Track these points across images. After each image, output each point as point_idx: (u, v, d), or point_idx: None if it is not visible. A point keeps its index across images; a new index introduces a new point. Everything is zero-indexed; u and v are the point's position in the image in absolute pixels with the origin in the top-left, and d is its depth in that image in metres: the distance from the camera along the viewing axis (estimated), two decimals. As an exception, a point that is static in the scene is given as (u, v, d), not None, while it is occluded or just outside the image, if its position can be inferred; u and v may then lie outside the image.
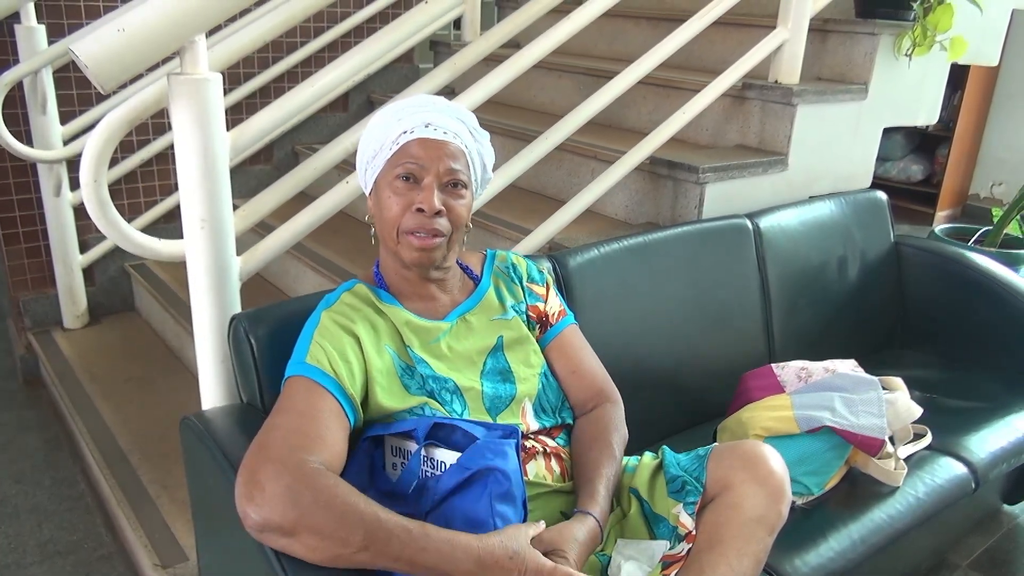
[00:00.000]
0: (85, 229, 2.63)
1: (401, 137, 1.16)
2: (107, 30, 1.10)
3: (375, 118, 1.23)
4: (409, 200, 1.15)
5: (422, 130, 1.16)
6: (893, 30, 2.26)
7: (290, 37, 2.90)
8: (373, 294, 1.23)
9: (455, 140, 1.18)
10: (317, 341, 1.12)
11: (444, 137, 1.16)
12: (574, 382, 1.32)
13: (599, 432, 1.26)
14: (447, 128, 1.17)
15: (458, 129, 1.19)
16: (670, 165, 2.07)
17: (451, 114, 1.20)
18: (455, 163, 1.16)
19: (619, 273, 1.69)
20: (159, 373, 2.45)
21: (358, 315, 1.18)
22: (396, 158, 1.16)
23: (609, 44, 3.01)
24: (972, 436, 1.71)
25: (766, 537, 1.11)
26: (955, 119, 4.59)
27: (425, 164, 1.15)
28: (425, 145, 1.15)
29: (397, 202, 1.16)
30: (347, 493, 0.95)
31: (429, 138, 1.16)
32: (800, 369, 1.61)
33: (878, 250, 2.22)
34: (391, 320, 1.20)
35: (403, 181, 1.16)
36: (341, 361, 1.10)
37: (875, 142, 2.47)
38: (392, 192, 1.16)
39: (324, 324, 1.15)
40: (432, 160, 1.15)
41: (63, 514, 2.00)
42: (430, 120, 1.17)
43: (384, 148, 1.18)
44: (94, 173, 1.23)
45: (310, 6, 1.49)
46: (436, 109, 1.19)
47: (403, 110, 1.19)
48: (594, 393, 1.32)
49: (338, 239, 2.45)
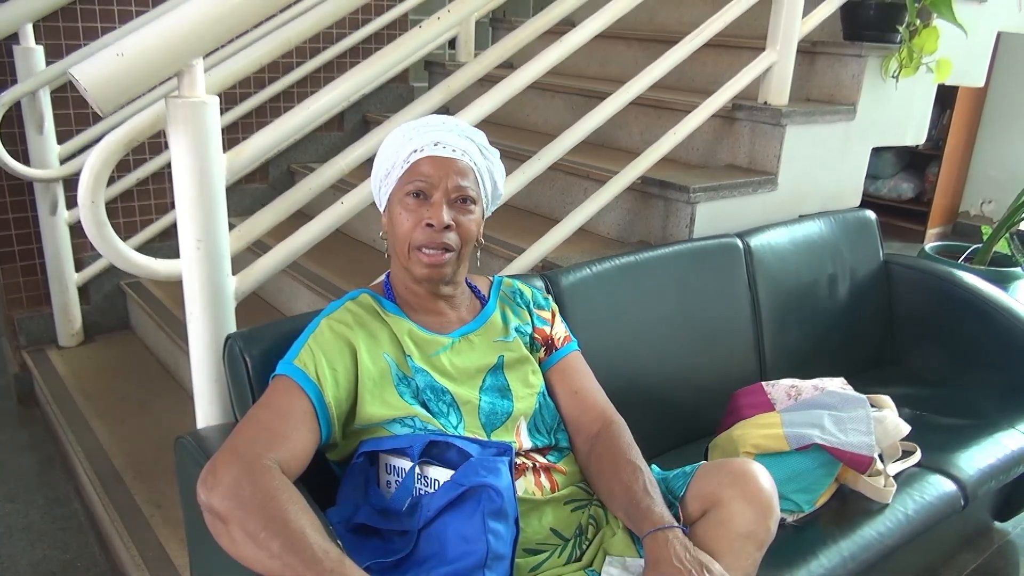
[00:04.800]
0: (80, 248, 2.64)
1: (412, 156, 1.20)
2: (106, 54, 1.12)
3: (388, 138, 1.26)
4: (419, 216, 1.18)
5: (431, 148, 1.20)
6: (880, 52, 2.30)
7: (286, 58, 2.92)
8: (378, 303, 1.25)
9: (463, 157, 1.21)
10: (309, 345, 1.16)
11: (452, 155, 1.20)
12: (576, 404, 1.33)
13: (618, 455, 1.24)
14: (456, 146, 1.21)
15: (466, 147, 1.23)
16: (661, 185, 2.09)
17: (460, 133, 1.24)
18: (463, 180, 1.20)
19: (611, 291, 1.71)
20: (154, 392, 2.46)
21: (358, 323, 1.20)
22: (407, 176, 1.20)
23: (602, 65, 3.05)
24: (961, 453, 1.72)
25: (755, 552, 1.12)
26: (945, 138, 4.63)
27: (434, 181, 1.18)
28: (434, 163, 1.19)
29: (408, 218, 1.19)
30: (286, 500, 0.97)
31: (438, 156, 1.20)
32: (790, 387, 1.63)
33: (868, 268, 2.24)
34: (393, 329, 1.22)
35: (413, 198, 1.19)
36: (328, 368, 1.13)
37: (863, 162, 2.50)
38: (403, 208, 1.20)
39: (321, 330, 1.18)
40: (440, 177, 1.18)
41: (56, 533, 1.99)
42: (439, 139, 1.21)
43: (396, 167, 1.22)
44: (92, 194, 1.24)
45: (306, 30, 1.52)
46: (445, 128, 1.24)
47: (414, 130, 1.23)
48: (596, 415, 1.31)
49: (333, 258, 2.47)
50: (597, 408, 1.33)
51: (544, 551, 1.16)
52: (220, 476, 0.99)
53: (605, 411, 1.33)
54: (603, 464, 1.24)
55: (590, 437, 1.29)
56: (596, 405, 1.33)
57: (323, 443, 1.14)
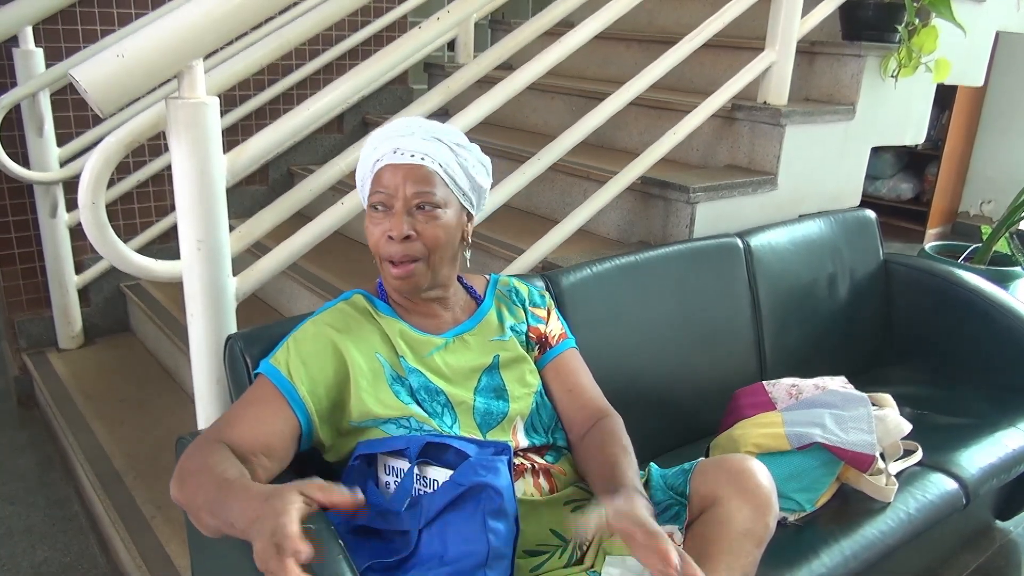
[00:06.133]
0: (81, 250, 2.64)
1: (375, 165, 1.19)
2: (106, 56, 1.12)
3: (363, 148, 1.25)
4: (384, 228, 1.18)
5: (390, 156, 1.18)
6: (879, 52, 2.30)
7: (286, 60, 2.93)
8: (370, 304, 1.25)
9: (423, 162, 1.17)
10: (287, 344, 1.17)
11: (411, 160, 1.17)
12: (570, 402, 1.32)
13: (607, 437, 1.23)
14: (415, 150, 1.17)
15: (429, 149, 1.18)
16: (661, 185, 2.10)
17: (425, 135, 1.19)
18: (424, 186, 1.16)
19: (611, 292, 1.71)
20: (154, 393, 2.46)
21: (348, 324, 1.20)
22: (372, 186, 1.20)
23: (601, 67, 3.05)
24: (962, 452, 1.72)
25: (754, 550, 1.12)
26: (944, 138, 4.64)
27: (391, 191, 1.17)
28: (393, 171, 1.17)
29: (374, 231, 1.19)
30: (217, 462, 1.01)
31: (396, 163, 1.17)
32: (791, 386, 1.63)
33: (867, 268, 2.24)
34: (385, 330, 1.22)
35: (376, 210, 1.19)
36: (301, 365, 1.14)
37: (863, 161, 2.50)
38: (370, 221, 1.20)
39: (303, 329, 1.19)
40: (397, 186, 1.17)
41: (57, 535, 1.99)
42: (398, 145, 1.18)
43: (365, 178, 1.22)
44: (92, 195, 1.24)
45: (306, 31, 1.52)
46: (408, 132, 1.20)
47: (378, 139, 1.21)
48: (591, 412, 1.31)
49: (334, 259, 2.47)
50: (593, 405, 1.32)
51: (544, 552, 1.16)
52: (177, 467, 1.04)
53: (601, 408, 1.32)
54: (591, 445, 1.24)
55: (585, 433, 1.29)
56: (591, 402, 1.32)
57: (306, 433, 1.14)
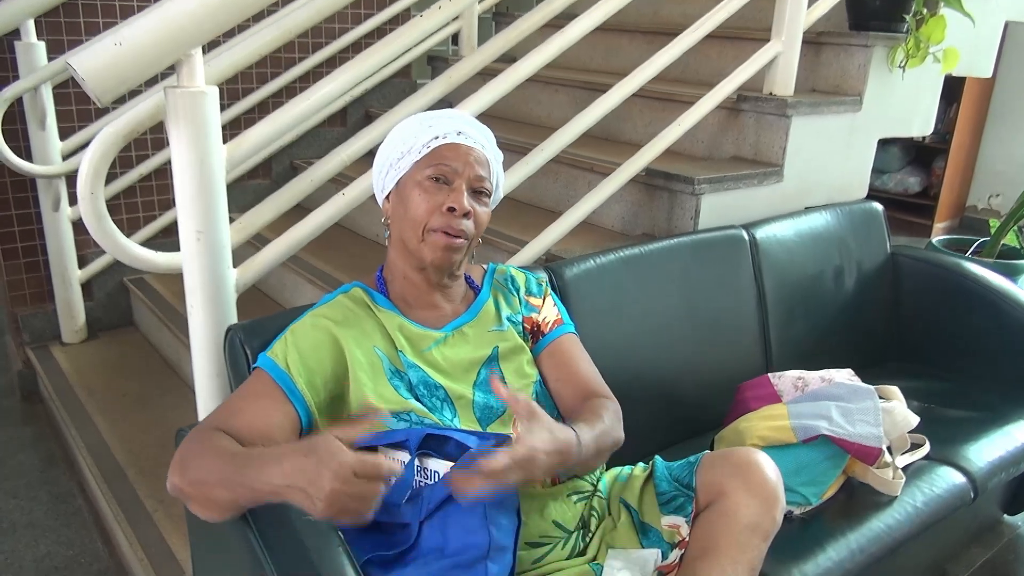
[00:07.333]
0: (84, 244, 2.64)
1: (433, 141, 1.19)
2: (104, 43, 1.11)
3: (403, 123, 1.26)
4: (438, 200, 1.17)
5: (455, 136, 1.20)
6: (886, 42, 2.28)
7: (288, 53, 2.91)
8: (369, 297, 1.24)
9: (483, 150, 1.22)
10: (285, 337, 1.17)
11: (475, 145, 1.21)
12: (562, 388, 1.29)
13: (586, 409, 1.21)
14: (476, 139, 1.22)
15: (485, 142, 1.24)
16: (666, 177, 2.08)
17: (478, 128, 1.25)
18: (483, 171, 1.21)
19: (615, 284, 1.70)
20: (157, 388, 2.45)
21: (347, 317, 1.19)
22: (427, 160, 1.19)
23: (605, 58, 3.03)
24: (970, 446, 1.71)
25: (760, 544, 1.11)
26: (952, 131, 4.61)
27: (457, 168, 1.18)
28: (458, 150, 1.19)
29: (426, 200, 1.18)
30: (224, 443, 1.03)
31: (462, 144, 1.20)
32: (797, 379, 1.61)
33: (874, 260, 2.22)
34: (384, 324, 1.21)
35: (434, 182, 1.18)
36: (298, 356, 1.14)
37: (870, 153, 2.48)
38: (422, 191, 1.18)
39: (301, 323, 1.19)
40: (464, 165, 1.19)
41: (60, 529, 1.99)
42: (462, 129, 1.22)
43: (412, 151, 1.20)
44: (91, 186, 1.23)
45: (306, 20, 1.51)
46: (466, 121, 1.24)
47: (433, 118, 1.23)
48: (585, 397, 1.27)
49: (334, 252, 2.46)
50: (588, 389, 1.29)
51: (547, 544, 1.15)
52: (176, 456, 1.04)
53: (596, 391, 1.29)
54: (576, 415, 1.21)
55: None
56: (587, 388, 1.29)
57: (306, 425, 1.13)
